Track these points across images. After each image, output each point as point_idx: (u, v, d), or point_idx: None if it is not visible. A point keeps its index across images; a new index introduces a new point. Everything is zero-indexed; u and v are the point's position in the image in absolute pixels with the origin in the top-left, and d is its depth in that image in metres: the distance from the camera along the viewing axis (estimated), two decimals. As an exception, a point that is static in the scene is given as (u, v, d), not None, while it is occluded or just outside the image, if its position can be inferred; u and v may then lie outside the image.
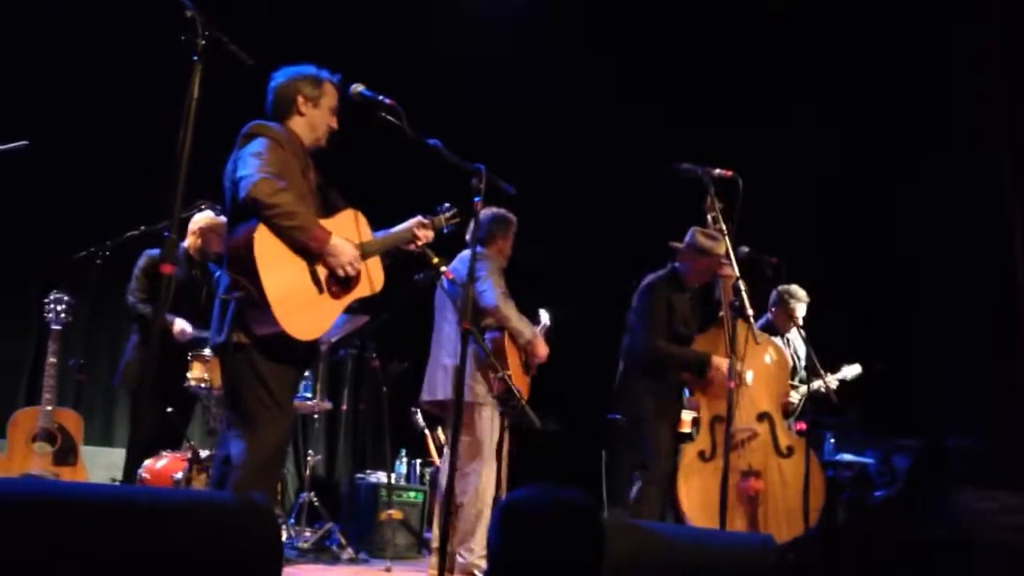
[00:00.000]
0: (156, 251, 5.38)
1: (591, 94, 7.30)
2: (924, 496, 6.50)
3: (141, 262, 5.40)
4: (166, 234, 2.49)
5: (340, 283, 3.44)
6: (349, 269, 3.38)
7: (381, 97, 3.46)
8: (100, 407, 6.60)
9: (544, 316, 5.43)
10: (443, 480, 4.97)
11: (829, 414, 6.08)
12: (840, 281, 6.90)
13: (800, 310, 5.88)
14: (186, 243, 5.47)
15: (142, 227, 5.27)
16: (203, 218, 5.43)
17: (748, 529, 4.67)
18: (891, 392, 6.67)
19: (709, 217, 4.28)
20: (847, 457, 6.63)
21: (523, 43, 7.23)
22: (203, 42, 2.54)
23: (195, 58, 2.56)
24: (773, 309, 5.98)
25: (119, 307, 5.51)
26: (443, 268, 3.63)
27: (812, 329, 5.68)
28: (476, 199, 3.29)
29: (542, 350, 5.00)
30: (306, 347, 3.44)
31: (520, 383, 4.90)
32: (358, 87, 3.53)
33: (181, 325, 5.21)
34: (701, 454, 4.74)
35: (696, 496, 4.62)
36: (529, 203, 3.97)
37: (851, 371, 6.02)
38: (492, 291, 4.79)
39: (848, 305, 6.97)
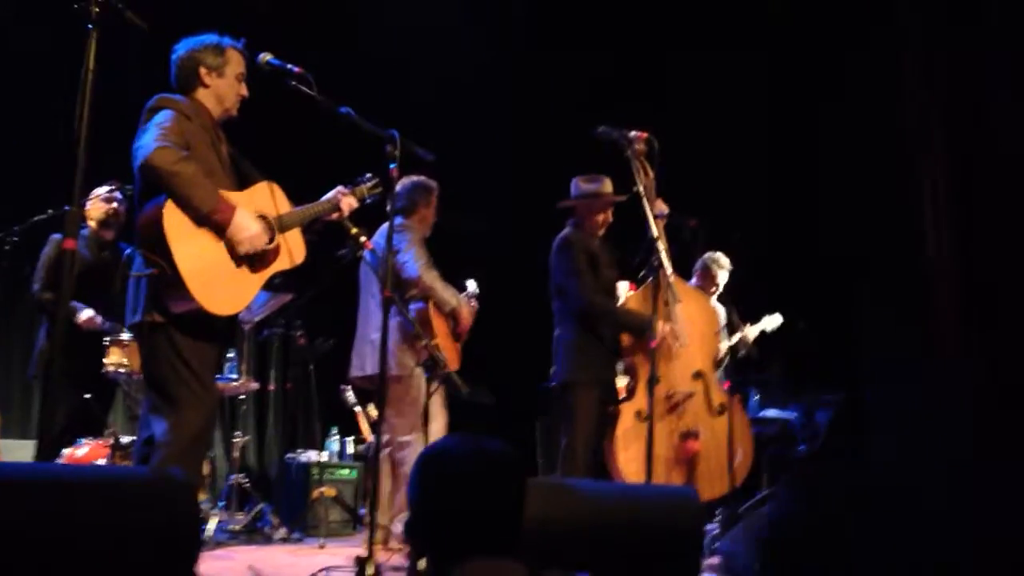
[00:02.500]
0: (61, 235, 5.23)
1: (514, 58, 7.27)
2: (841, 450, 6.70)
3: (47, 248, 5.24)
4: (66, 208, 2.41)
5: (258, 256, 3.38)
6: (248, 246, 3.28)
7: (290, 66, 3.41)
8: (16, 400, 6.41)
9: (471, 285, 5.42)
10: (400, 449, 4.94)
11: (752, 371, 6.21)
12: (760, 241, 7.01)
13: (722, 276, 6.00)
14: (89, 224, 5.31)
15: (49, 211, 5.08)
16: (98, 195, 5.27)
17: (686, 487, 4.74)
18: (813, 348, 6.83)
19: (636, 163, 4.27)
20: (771, 413, 6.78)
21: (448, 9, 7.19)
22: (97, 9, 2.45)
23: (89, 27, 2.47)
24: (697, 273, 6.07)
25: (28, 296, 5.34)
26: (362, 239, 3.59)
27: (732, 291, 5.83)
28: (391, 166, 3.25)
29: (467, 317, 5.00)
30: (225, 323, 3.38)
31: (449, 352, 4.89)
32: (266, 56, 3.47)
33: (88, 314, 5.07)
34: (638, 414, 4.73)
35: (634, 462, 4.63)
36: (456, 171, 3.95)
37: (771, 322, 6.14)
38: (414, 262, 4.76)
39: (767, 264, 7.09)
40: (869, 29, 6.48)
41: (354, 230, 3.61)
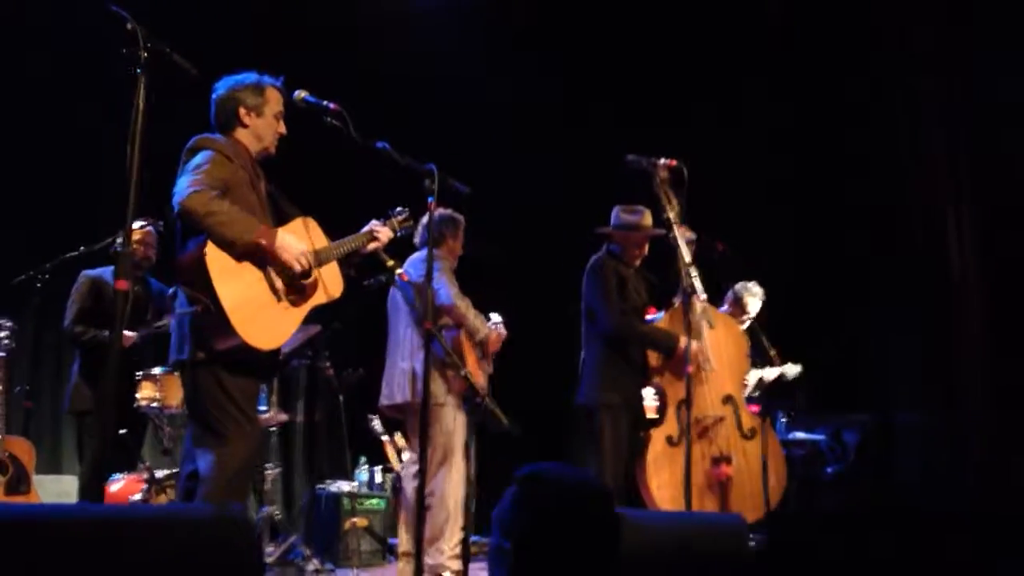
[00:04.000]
0: (95, 272, 5.28)
1: (539, 92, 7.31)
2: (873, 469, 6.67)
3: (78, 284, 5.28)
4: (117, 248, 2.45)
5: (297, 291, 3.41)
6: (302, 260, 3.32)
7: (326, 102, 3.43)
8: (46, 434, 6.44)
9: (495, 317, 5.44)
10: (407, 485, 4.94)
11: (779, 396, 6.19)
12: (785, 265, 7.02)
13: (753, 305, 5.97)
14: None
15: (81, 247, 5.15)
16: (136, 231, 5.32)
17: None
18: (838, 370, 6.82)
19: (660, 192, 4.30)
20: (799, 435, 6.77)
21: (471, 44, 7.24)
22: (145, 54, 2.49)
23: (138, 71, 2.51)
24: (728, 301, 6.06)
25: (60, 331, 5.38)
26: (398, 270, 3.62)
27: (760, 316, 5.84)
28: (430, 199, 3.28)
29: (495, 342, 5.03)
30: (268, 358, 3.41)
31: (480, 380, 4.91)
32: (301, 93, 3.49)
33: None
34: (669, 439, 4.75)
35: (667, 488, 4.63)
36: (482, 202, 3.98)
37: (791, 370, 6.08)
38: (447, 289, 4.79)
39: (794, 288, 7.09)
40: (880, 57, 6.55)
41: (390, 262, 3.64)
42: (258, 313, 3.26)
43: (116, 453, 5.06)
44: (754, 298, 5.98)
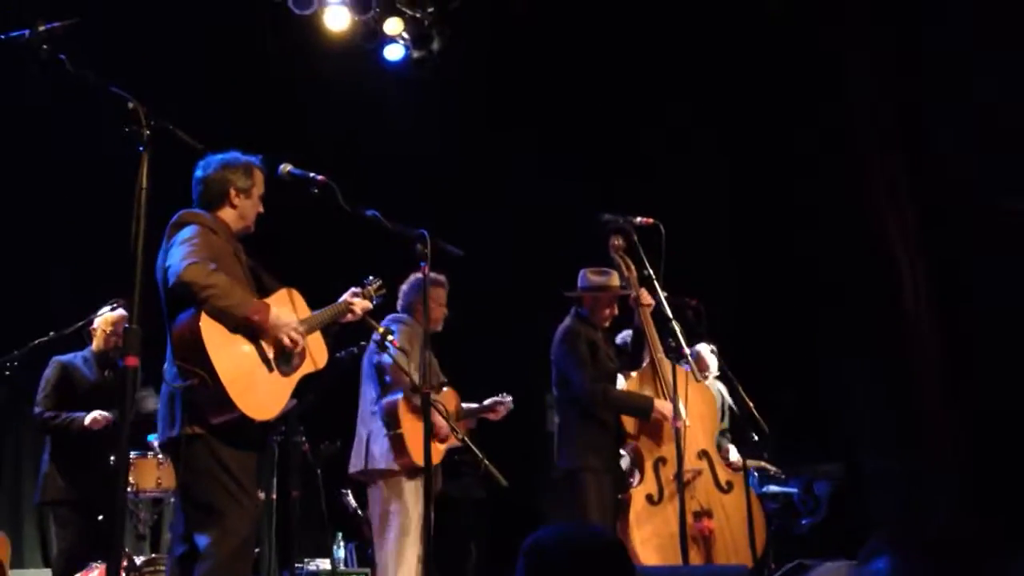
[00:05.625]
0: (64, 358, 5.21)
1: (496, 152, 7.41)
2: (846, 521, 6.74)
3: (49, 371, 5.19)
4: (127, 326, 2.45)
5: (286, 361, 3.43)
6: (294, 335, 3.36)
7: (312, 174, 3.48)
8: (27, 527, 6.23)
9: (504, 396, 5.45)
10: (379, 558, 4.86)
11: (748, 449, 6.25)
12: (745, 316, 7.15)
13: (712, 361, 6.09)
14: (92, 345, 5.28)
15: (51, 333, 5.07)
16: (106, 318, 5.26)
17: (704, 567, 4.75)
18: (803, 420, 6.92)
19: (616, 257, 4.39)
20: (772, 488, 6.83)
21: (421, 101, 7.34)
22: (148, 132, 2.53)
23: (140, 148, 2.54)
24: (691, 360, 6.15)
25: (25, 420, 5.26)
26: (389, 337, 3.65)
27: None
28: (422, 264, 3.33)
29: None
30: (260, 429, 3.41)
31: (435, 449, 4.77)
32: (287, 167, 3.54)
33: (92, 415, 4.95)
34: (649, 498, 4.78)
35: (650, 542, 4.66)
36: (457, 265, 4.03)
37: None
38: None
39: (754, 338, 7.20)
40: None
41: (381, 329, 3.68)
42: (253, 384, 3.27)
43: (88, 541, 4.94)
44: (712, 356, 6.10)
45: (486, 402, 5.30)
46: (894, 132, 6.42)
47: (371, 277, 3.96)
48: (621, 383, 5.10)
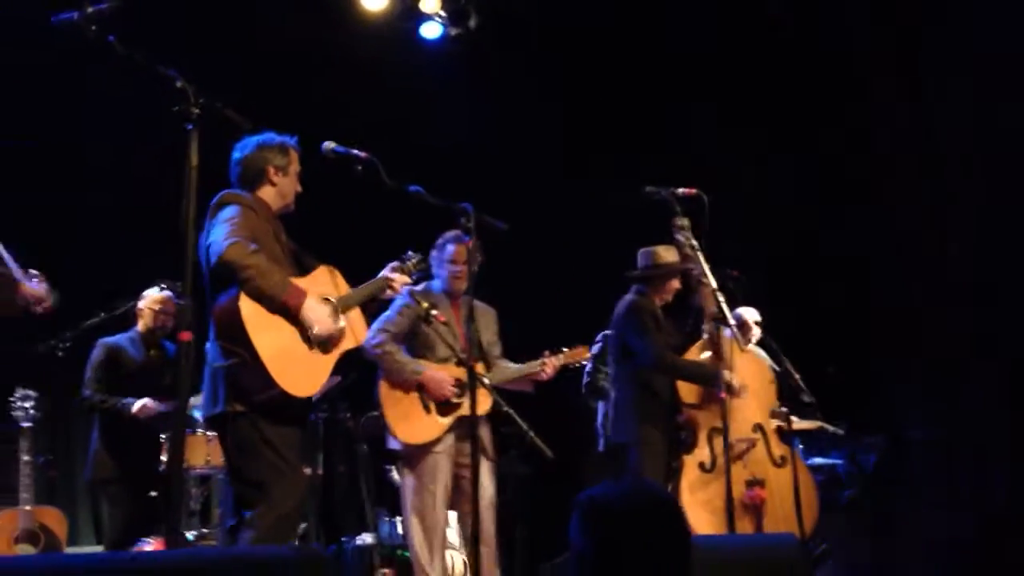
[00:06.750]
0: (110, 340, 5.32)
1: (538, 128, 7.37)
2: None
3: (95, 353, 5.28)
4: (179, 301, 2.49)
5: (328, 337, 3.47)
6: (322, 329, 3.40)
7: (355, 151, 3.50)
8: (81, 505, 6.36)
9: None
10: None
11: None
12: (785, 287, 7.08)
13: (756, 326, 6.05)
14: (138, 326, 5.37)
15: (101, 313, 5.18)
16: (153, 297, 5.35)
17: (755, 536, 4.75)
18: (847, 392, 6.86)
19: (681, 237, 4.37)
20: (817, 461, 6.79)
21: (462, 79, 7.32)
22: (196, 111, 2.56)
23: (189, 127, 2.58)
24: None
25: (76, 399, 5.36)
26: (433, 312, 3.68)
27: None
28: (466, 238, 3.35)
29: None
30: (302, 405, 3.46)
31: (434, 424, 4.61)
32: (330, 144, 3.57)
33: (140, 403, 5.07)
34: (701, 465, 4.81)
35: (702, 509, 4.69)
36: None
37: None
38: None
39: (795, 309, 7.13)
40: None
41: (424, 304, 3.70)
42: (293, 362, 3.32)
43: (140, 517, 5.05)
44: (756, 326, 6.05)
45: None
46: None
47: (410, 252, 4.00)
48: None
